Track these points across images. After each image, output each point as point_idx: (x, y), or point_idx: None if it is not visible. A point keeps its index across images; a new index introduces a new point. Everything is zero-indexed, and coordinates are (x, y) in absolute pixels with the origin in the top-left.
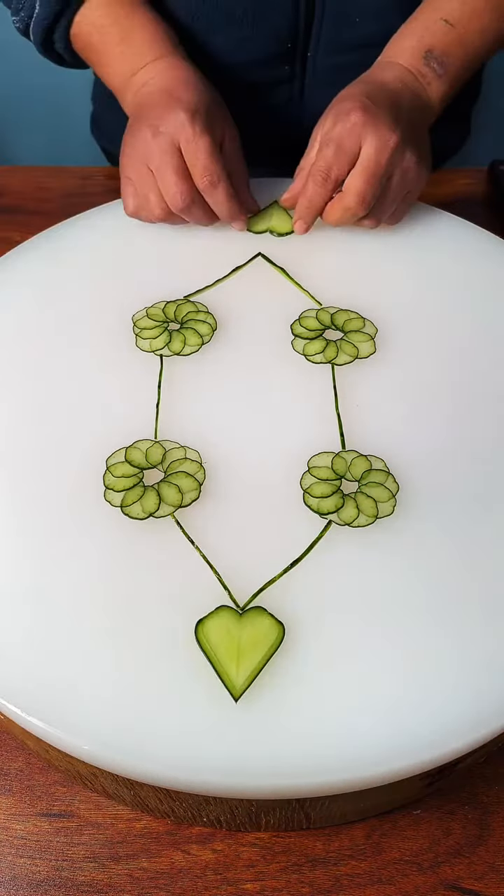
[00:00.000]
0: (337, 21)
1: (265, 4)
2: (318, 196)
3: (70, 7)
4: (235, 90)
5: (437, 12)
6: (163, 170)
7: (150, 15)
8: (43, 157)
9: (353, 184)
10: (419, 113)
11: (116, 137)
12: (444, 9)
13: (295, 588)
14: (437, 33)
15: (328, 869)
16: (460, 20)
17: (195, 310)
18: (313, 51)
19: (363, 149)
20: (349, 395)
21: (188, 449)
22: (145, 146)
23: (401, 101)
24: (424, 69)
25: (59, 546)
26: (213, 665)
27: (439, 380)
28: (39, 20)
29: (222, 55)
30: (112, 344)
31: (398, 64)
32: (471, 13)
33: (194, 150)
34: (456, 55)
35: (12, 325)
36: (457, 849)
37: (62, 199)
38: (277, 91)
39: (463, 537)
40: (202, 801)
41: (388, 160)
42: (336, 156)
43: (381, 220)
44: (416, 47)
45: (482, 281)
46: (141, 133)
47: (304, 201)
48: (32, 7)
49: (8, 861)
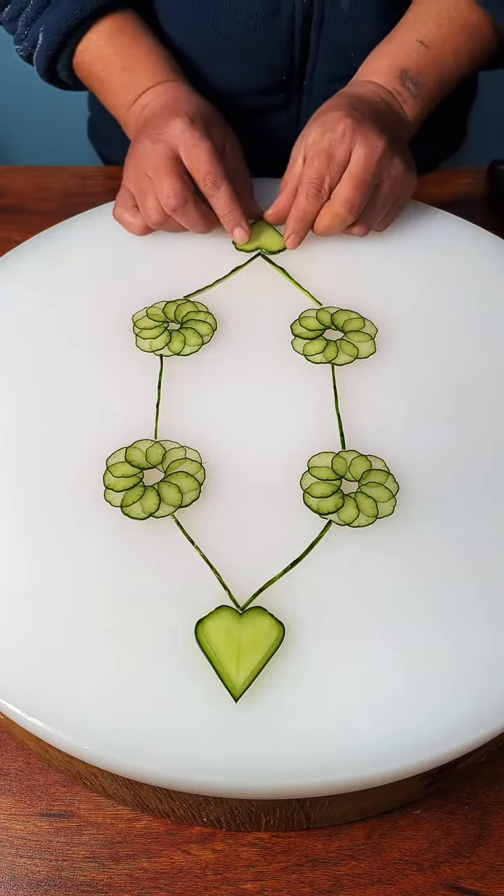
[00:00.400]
0: (332, 56)
1: (260, 42)
2: (312, 208)
3: (72, 39)
4: (232, 114)
5: (412, 33)
6: (159, 173)
7: (152, 44)
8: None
9: (341, 191)
10: (399, 126)
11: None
12: (420, 30)
13: (295, 588)
14: (412, 54)
15: (328, 869)
16: (435, 42)
17: (195, 310)
18: (309, 81)
19: (353, 155)
20: (349, 395)
21: (188, 449)
22: (144, 155)
23: (382, 113)
24: (400, 88)
25: (59, 546)
26: (213, 665)
27: (439, 380)
28: (42, 51)
29: (219, 83)
30: (112, 344)
31: (374, 82)
32: (446, 35)
33: (196, 156)
34: (430, 76)
35: (12, 325)
36: (457, 849)
37: (62, 199)
38: (274, 116)
39: (463, 537)
40: (202, 801)
41: (377, 167)
42: (327, 166)
43: (370, 226)
44: (391, 66)
45: (482, 281)
46: (140, 144)
47: (297, 214)
48: (35, 38)
49: (8, 861)
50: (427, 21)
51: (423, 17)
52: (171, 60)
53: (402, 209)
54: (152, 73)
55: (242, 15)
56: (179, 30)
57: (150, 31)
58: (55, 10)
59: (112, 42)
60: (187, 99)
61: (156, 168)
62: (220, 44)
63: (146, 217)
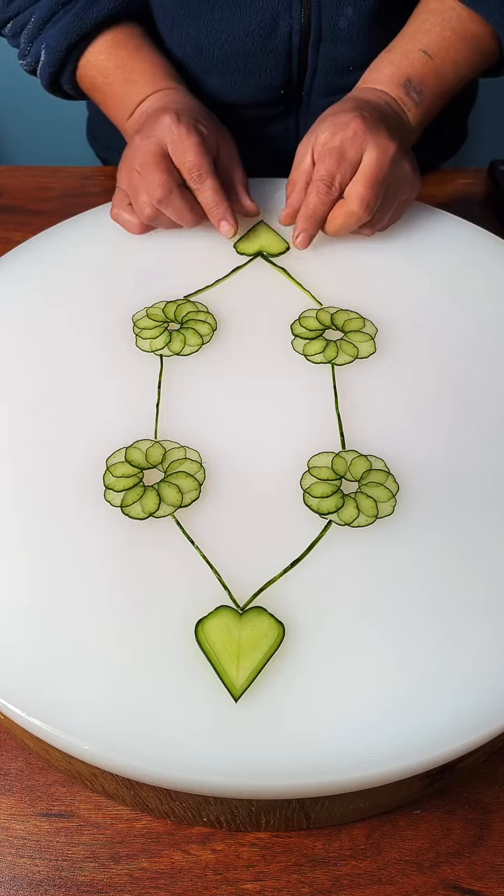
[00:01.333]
0: (330, 72)
1: (257, 59)
2: (322, 206)
3: (74, 54)
4: (230, 123)
5: (415, 43)
6: (146, 167)
7: (153, 55)
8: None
9: (356, 190)
10: (404, 131)
11: (110, 144)
12: (423, 40)
13: (295, 588)
14: (415, 63)
15: (328, 869)
16: (437, 52)
17: (195, 310)
18: (307, 94)
19: (365, 155)
20: (349, 395)
21: (188, 449)
22: (134, 152)
23: (389, 116)
24: (404, 97)
25: (59, 546)
26: (213, 665)
27: (439, 380)
28: (45, 67)
29: (217, 95)
30: (112, 344)
31: (379, 89)
32: (448, 46)
33: (182, 150)
34: (432, 85)
35: (12, 325)
36: (457, 849)
37: (62, 199)
38: (272, 126)
39: (463, 537)
40: (202, 801)
41: (390, 167)
42: (339, 164)
43: (377, 227)
44: (395, 75)
45: (482, 281)
46: (132, 143)
47: (307, 212)
48: (38, 54)
49: (8, 861)
50: (429, 31)
51: (425, 27)
52: (172, 70)
53: (405, 210)
54: (152, 82)
55: (239, 33)
56: (177, 44)
57: (150, 41)
58: (56, 26)
59: (113, 55)
60: (182, 100)
61: (143, 163)
62: (217, 59)
63: (139, 212)
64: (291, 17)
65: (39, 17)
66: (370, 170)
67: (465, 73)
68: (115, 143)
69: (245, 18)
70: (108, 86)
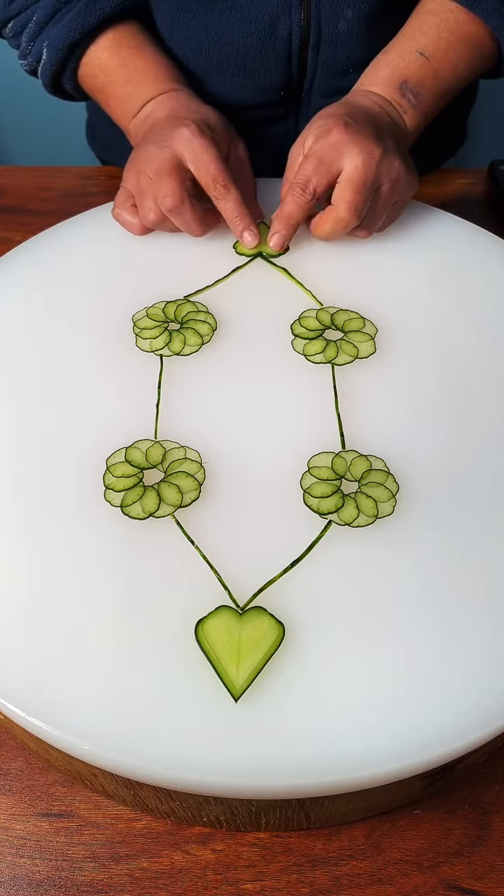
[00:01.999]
0: (330, 74)
1: (256, 62)
2: (298, 209)
3: (76, 52)
4: (231, 123)
5: (413, 44)
6: (160, 174)
7: (155, 54)
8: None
9: (341, 195)
10: (399, 134)
11: (110, 145)
12: (420, 42)
13: (295, 588)
14: (412, 65)
15: (328, 869)
16: (435, 54)
17: (195, 310)
18: (307, 95)
19: (348, 161)
20: (349, 395)
21: (188, 449)
22: (147, 158)
23: (381, 121)
24: (400, 99)
25: (59, 546)
26: (213, 665)
27: (439, 380)
28: (47, 66)
29: (217, 96)
30: (112, 344)
31: (375, 92)
32: (446, 47)
33: (204, 162)
34: (430, 87)
35: (12, 325)
36: (457, 849)
37: (62, 199)
38: (272, 126)
39: (463, 537)
40: (202, 801)
41: (376, 170)
42: (315, 169)
43: (372, 229)
44: (392, 77)
45: (482, 281)
46: (144, 150)
47: (282, 214)
48: (39, 53)
49: (8, 861)
50: (427, 32)
51: (422, 28)
52: (174, 70)
53: (402, 210)
54: (155, 83)
55: (239, 35)
56: (177, 46)
57: (153, 41)
58: (58, 24)
59: (115, 54)
60: (192, 107)
61: (157, 169)
62: (217, 62)
63: (143, 217)
64: (291, 20)
65: (41, 16)
66: (355, 175)
67: (463, 74)
68: (115, 145)
69: (244, 21)
70: (111, 85)
